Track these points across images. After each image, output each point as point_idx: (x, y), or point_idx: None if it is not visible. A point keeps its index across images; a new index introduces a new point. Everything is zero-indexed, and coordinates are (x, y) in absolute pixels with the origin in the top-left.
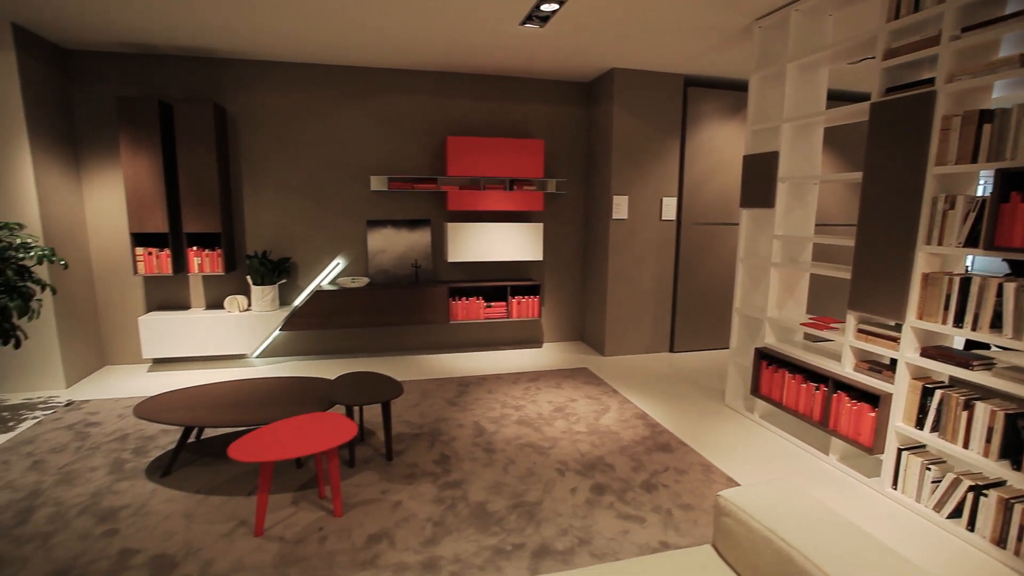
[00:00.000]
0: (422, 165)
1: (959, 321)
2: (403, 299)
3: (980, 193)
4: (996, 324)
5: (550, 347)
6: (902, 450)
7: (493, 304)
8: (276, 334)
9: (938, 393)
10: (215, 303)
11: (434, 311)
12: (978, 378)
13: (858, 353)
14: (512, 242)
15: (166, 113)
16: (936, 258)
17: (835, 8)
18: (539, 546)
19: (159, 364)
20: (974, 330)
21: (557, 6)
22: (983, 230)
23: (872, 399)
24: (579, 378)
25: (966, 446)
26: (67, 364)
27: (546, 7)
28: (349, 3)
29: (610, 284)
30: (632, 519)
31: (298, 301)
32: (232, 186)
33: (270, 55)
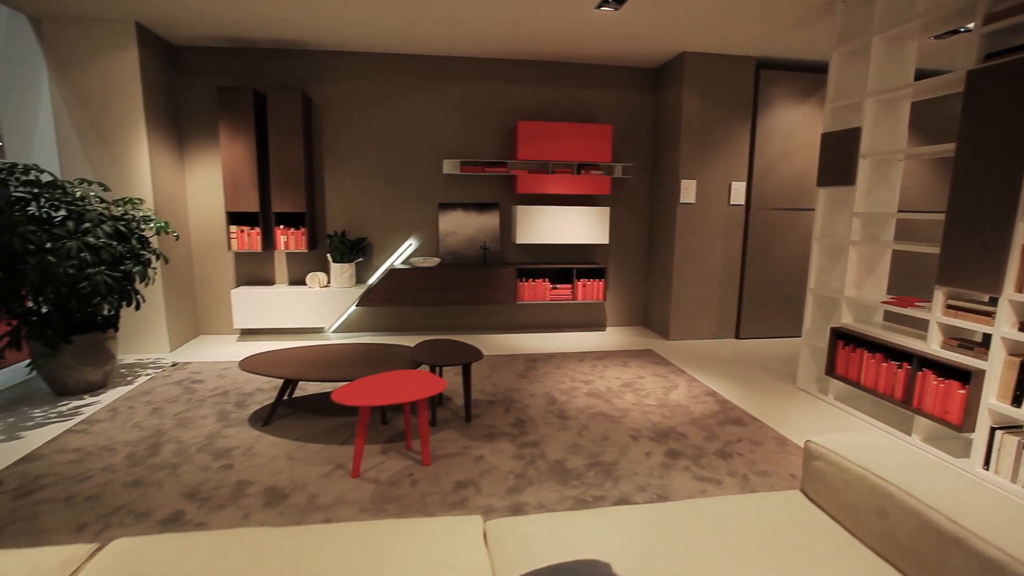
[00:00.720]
0: (492, 150)
1: None
2: (472, 279)
3: None
4: None
5: (613, 331)
6: (995, 429)
7: (558, 286)
8: (352, 310)
9: None
10: (296, 279)
11: (502, 291)
12: None
13: (945, 329)
14: (578, 225)
15: (259, 101)
16: None
17: None
18: (619, 499)
19: (246, 335)
20: None
21: None
22: None
23: (961, 376)
24: (644, 358)
25: None
26: (170, 331)
27: None
28: None
29: (676, 268)
30: (708, 481)
31: (373, 279)
32: (315, 169)
33: (352, 46)
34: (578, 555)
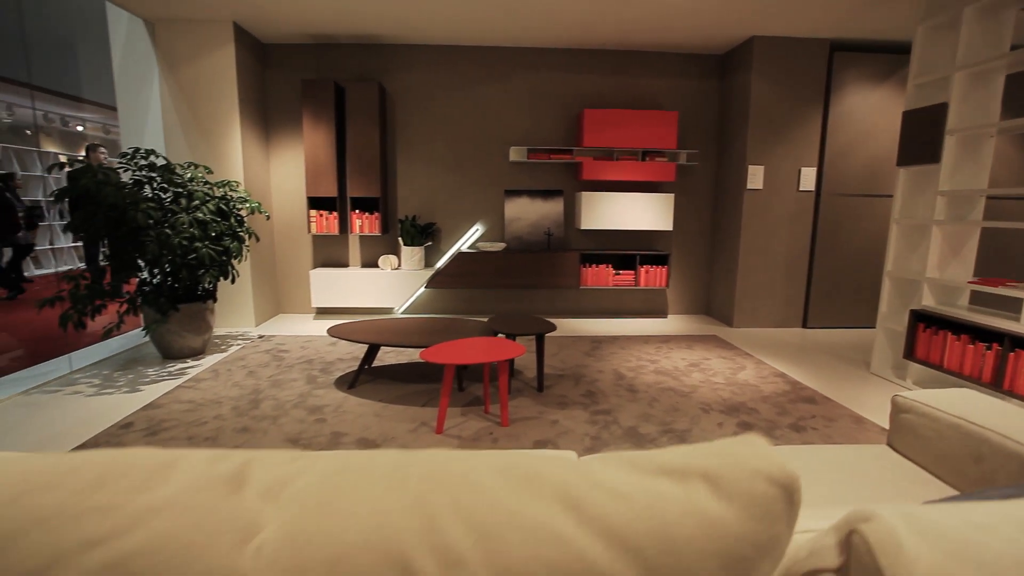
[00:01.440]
0: (556, 137)
1: None
2: (536, 263)
3: None
4: None
5: (674, 318)
6: None
7: (621, 272)
8: (421, 291)
9: None
10: (368, 262)
11: (566, 275)
12: None
13: None
14: (642, 212)
15: (339, 93)
16: None
17: None
18: None
19: (321, 314)
20: None
21: None
22: None
23: None
24: (709, 343)
25: None
26: (256, 307)
27: None
28: None
29: (741, 255)
30: None
31: (441, 262)
32: (388, 156)
33: (423, 39)
34: None
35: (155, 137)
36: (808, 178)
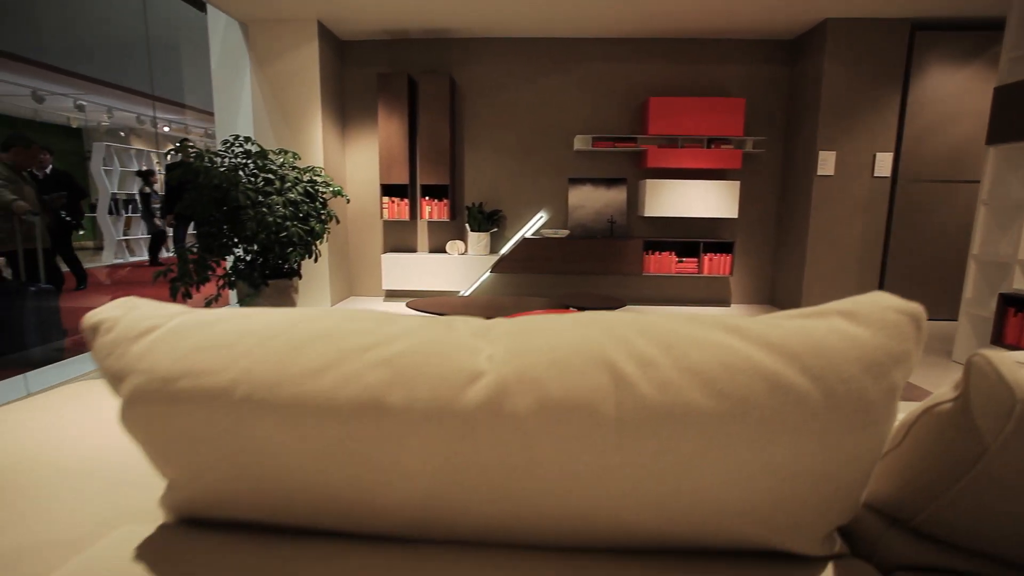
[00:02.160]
0: (620, 126)
1: None
2: (600, 250)
3: None
4: None
5: (738, 308)
6: None
7: (684, 260)
8: (486, 276)
9: None
10: (436, 247)
11: (629, 262)
12: None
13: None
14: (707, 199)
15: (412, 86)
16: None
17: None
18: None
19: (390, 297)
20: None
21: None
22: None
23: None
24: None
25: None
26: (332, 289)
27: None
28: None
29: (810, 243)
30: None
31: (506, 248)
32: (456, 145)
33: (491, 32)
34: None
35: (246, 129)
36: (884, 164)
